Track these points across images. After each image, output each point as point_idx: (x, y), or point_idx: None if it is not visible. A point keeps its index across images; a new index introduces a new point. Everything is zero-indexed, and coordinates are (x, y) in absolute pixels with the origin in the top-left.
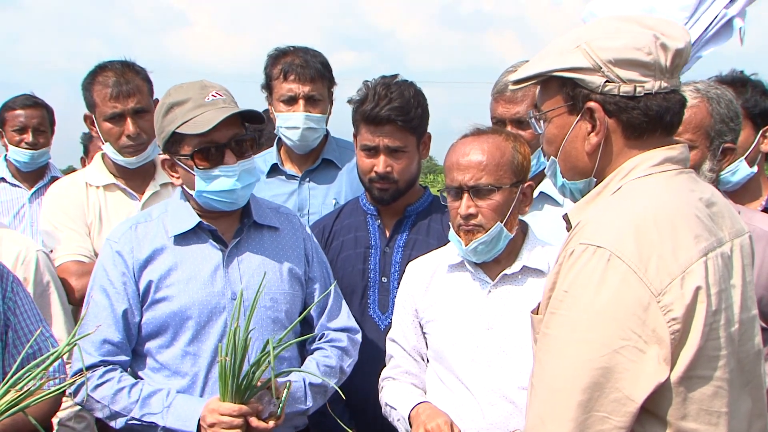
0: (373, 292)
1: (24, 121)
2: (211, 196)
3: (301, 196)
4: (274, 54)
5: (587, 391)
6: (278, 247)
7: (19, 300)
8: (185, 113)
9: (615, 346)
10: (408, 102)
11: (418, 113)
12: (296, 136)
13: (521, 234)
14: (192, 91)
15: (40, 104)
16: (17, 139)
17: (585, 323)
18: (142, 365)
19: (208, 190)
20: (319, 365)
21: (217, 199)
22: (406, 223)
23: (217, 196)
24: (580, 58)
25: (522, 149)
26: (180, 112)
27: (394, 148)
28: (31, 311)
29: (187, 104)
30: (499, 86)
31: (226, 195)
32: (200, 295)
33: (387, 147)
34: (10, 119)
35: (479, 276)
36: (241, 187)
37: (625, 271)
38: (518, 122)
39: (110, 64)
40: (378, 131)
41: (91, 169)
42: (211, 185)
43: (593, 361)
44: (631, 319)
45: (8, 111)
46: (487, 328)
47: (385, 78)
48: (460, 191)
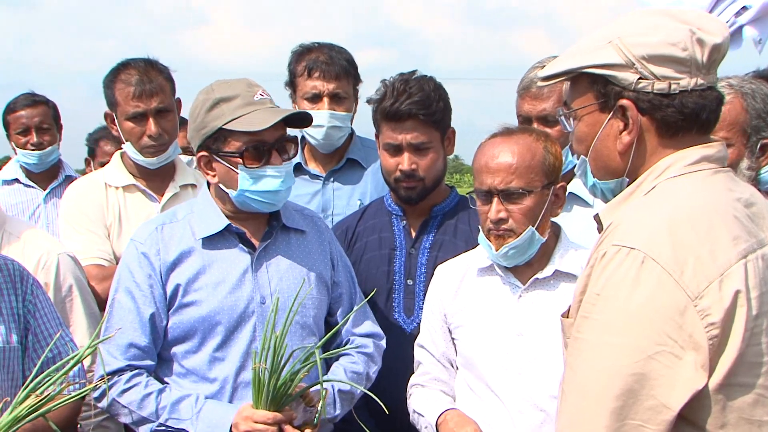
0: (398, 295)
1: (26, 121)
2: (255, 196)
3: (325, 197)
4: (298, 50)
5: (621, 398)
6: (305, 251)
7: (39, 303)
8: (233, 110)
9: (650, 352)
10: (428, 96)
11: (440, 107)
12: (320, 135)
13: (553, 237)
14: (239, 88)
15: (40, 101)
16: (23, 141)
17: (618, 327)
18: (168, 371)
19: (252, 190)
20: (347, 371)
21: (259, 199)
22: (432, 224)
23: (261, 197)
24: (613, 54)
25: (553, 149)
26: (227, 108)
27: (418, 145)
28: (51, 314)
29: (235, 101)
30: (525, 83)
31: (270, 196)
32: (229, 299)
33: (410, 144)
34: (13, 122)
35: (510, 280)
36: (284, 189)
37: (660, 273)
38: (544, 119)
39: (133, 61)
40: (400, 128)
41: (110, 170)
42: (256, 185)
43: (627, 366)
44: (667, 324)
45: (10, 113)
46: (518, 335)
47: (403, 74)
48: (490, 195)
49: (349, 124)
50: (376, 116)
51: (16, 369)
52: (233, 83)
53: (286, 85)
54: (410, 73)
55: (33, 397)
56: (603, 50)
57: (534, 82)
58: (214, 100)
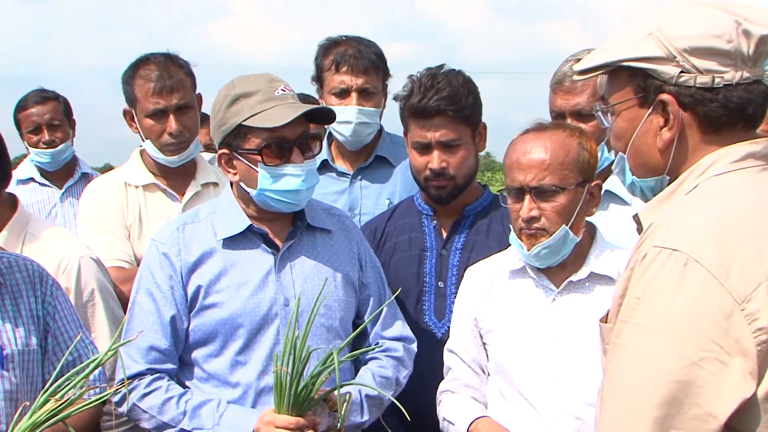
0: (429, 297)
1: (36, 119)
2: (274, 195)
3: (353, 196)
4: (325, 44)
5: (664, 406)
6: (332, 251)
7: (58, 304)
8: (253, 106)
9: (694, 358)
10: (457, 91)
11: (470, 102)
12: (348, 132)
13: (588, 237)
14: (260, 83)
15: (50, 97)
16: (34, 140)
17: (660, 332)
18: (189, 375)
19: (271, 189)
20: (375, 376)
21: (280, 199)
22: (464, 224)
23: (281, 196)
24: (653, 47)
25: (588, 145)
26: (247, 104)
27: (448, 142)
28: (71, 316)
29: (255, 96)
30: (558, 76)
31: (290, 196)
32: (251, 301)
33: (439, 141)
34: (24, 120)
35: (543, 283)
36: (306, 188)
37: (704, 276)
38: (578, 114)
39: (153, 56)
40: (428, 125)
41: (130, 168)
42: (275, 184)
43: (670, 373)
44: (713, 329)
45: (21, 111)
46: (552, 339)
47: (430, 69)
48: (522, 192)
49: (378, 120)
50: (404, 113)
51: (36, 372)
52: (254, 78)
53: (313, 80)
54: (438, 67)
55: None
56: (642, 42)
57: (567, 76)
58: (234, 95)
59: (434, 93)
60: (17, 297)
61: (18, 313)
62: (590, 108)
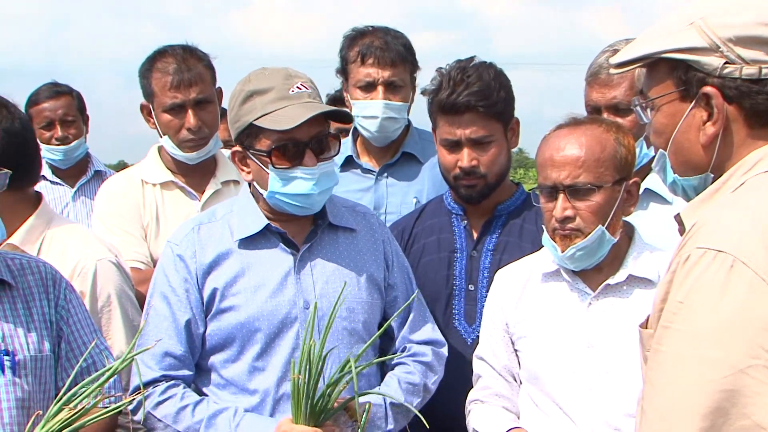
0: (459, 301)
1: (49, 114)
2: (285, 198)
3: (378, 194)
4: (351, 35)
5: (709, 417)
6: (355, 250)
7: (72, 308)
8: (265, 105)
9: (741, 366)
10: (488, 85)
11: (501, 96)
12: (374, 127)
13: (626, 238)
14: (275, 80)
15: (63, 91)
16: (47, 136)
17: (705, 339)
18: (206, 381)
19: (281, 192)
20: (401, 382)
21: (291, 202)
22: (495, 224)
23: (291, 200)
24: (695, 37)
25: (626, 141)
26: (260, 102)
27: (478, 139)
28: (85, 321)
29: (268, 94)
30: (594, 69)
31: (301, 199)
32: (269, 304)
33: (470, 139)
34: (36, 115)
35: (578, 286)
36: (318, 192)
37: (752, 278)
38: (615, 108)
39: (171, 48)
40: (458, 122)
41: (147, 165)
42: (286, 187)
43: (716, 382)
44: (761, 335)
45: (32, 106)
46: (588, 346)
47: (460, 62)
48: (555, 191)
49: (406, 114)
50: (432, 109)
51: (49, 379)
52: (271, 73)
53: (338, 73)
54: (467, 60)
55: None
56: (684, 32)
57: (603, 68)
58: (248, 92)
59: (464, 88)
60: (29, 300)
61: (30, 317)
62: (627, 102)
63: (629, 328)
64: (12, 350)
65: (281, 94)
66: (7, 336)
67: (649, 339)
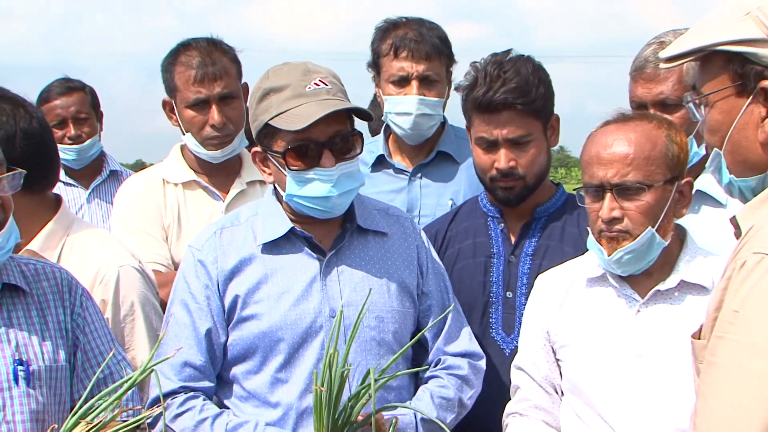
0: (496, 309)
1: (61, 112)
2: (303, 201)
3: (411, 195)
4: (383, 26)
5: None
6: (386, 255)
7: (89, 316)
8: (281, 103)
9: None
10: (527, 81)
11: (541, 93)
12: (408, 124)
13: (677, 241)
14: (292, 76)
15: (75, 87)
16: (59, 135)
17: (762, 349)
18: (228, 393)
19: (299, 195)
20: (434, 397)
21: (309, 205)
22: (535, 227)
23: (310, 203)
24: (752, 28)
25: (678, 138)
26: (276, 100)
27: (516, 139)
28: (102, 329)
29: (284, 92)
30: (639, 62)
31: (319, 202)
32: (293, 312)
33: (507, 139)
34: (47, 113)
35: (626, 292)
36: (337, 194)
37: None
38: (662, 105)
39: (194, 42)
40: (494, 120)
41: (169, 164)
42: (303, 189)
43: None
44: None
45: (43, 104)
46: (636, 356)
47: (496, 56)
48: (602, 190)
49: (441, 111)
50: (466, 106)
51: (64, 391)
52: (289, 69)
53: (369, 67)
54: (504, 53)
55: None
56: (740, 23)
57: (649, 62)
58: (264, 90)
59: (501, 84)
60: (44, 308)
61: (45, 325)
62: (675, 97)
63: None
64: (26, 360)
65: (297, 92)
66: (21, 345)
67: (702, 350)
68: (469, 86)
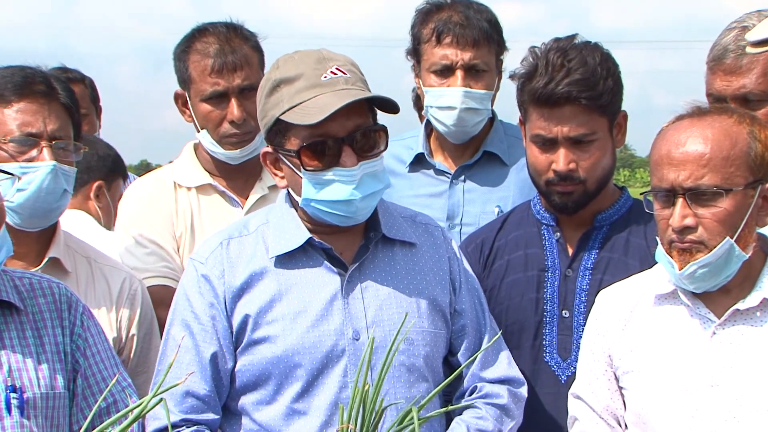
0: (551, 330)
1: None
2: (321, 206)
3: (453, 200)
4: (424, 8)
5: None
6: (415, 269)
7: (90, 337)
8: (293, 95)
9: None
10: (594, 72)
11: (609, 86)
12: (451, 120)
13: (760, 254)
14: (305, 65)
15: (74, 79)
16: None
17: None
18: (236, 427)
19: (317, 199)
20: (471, 430)
21: (329, 210)
22: (595, 237)
23: (329, 207)
24: None
25: (762, 135)
26: (287, 92)
27: (579, 138)
28: (105, 352)
29: (297, 83)
30: (717, 51)
31: (340, 207)
32: (312, 335)
33: (568, 137)
34: None
35: (699, 311)
36: (360, 197)
37: None
38: (744, 100)
39: (212, 27)
40: (555, 116)
41: (182, 166)
42: (321, 193)
43: None
44: None
45: None
46: (711, 385)
47: (559, 41)
48: (673, 195)
49: (489, 105)
50: (523, 98)
51: (62, 421)
52: (301, 58)
53: (408, 54)
54: (568, 38)
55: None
56: None
57: (729, 51)
58: (275, 81)
59: (564, 75)
60: (40, 327)
61: (41, 347)
62: (760, 91)
63: (763, 362)
64: (20, 386)
65: (311, 82)
66: (14, 370)
67: None
68: (527, 75)
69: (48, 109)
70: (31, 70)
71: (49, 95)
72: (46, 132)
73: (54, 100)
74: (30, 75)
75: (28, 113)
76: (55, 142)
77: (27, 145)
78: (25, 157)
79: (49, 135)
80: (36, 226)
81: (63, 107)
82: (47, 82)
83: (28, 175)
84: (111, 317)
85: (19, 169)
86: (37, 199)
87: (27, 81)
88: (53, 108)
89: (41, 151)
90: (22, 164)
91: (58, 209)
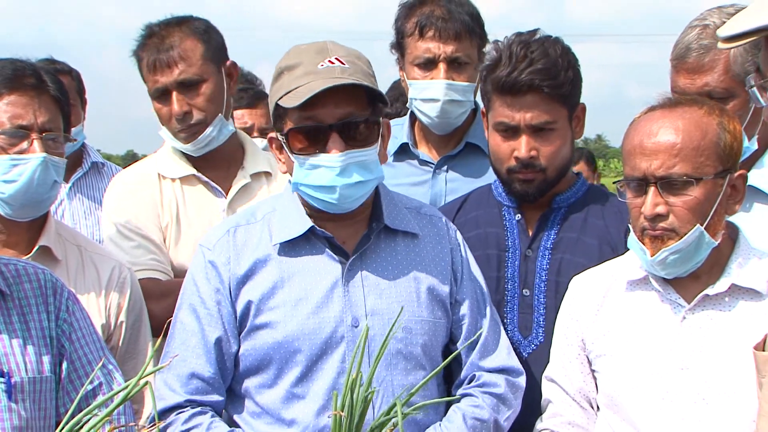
0: (512, 308)
1: None
2: (307, 191)
3: (435, 189)
4: (408, 3)
5: None
6: (416, 259)
7: (75, 322)
8: (291, 81)
9: None
10: (555, 63)
11: (569, 77)
12: (434, 111)
13: (729, 241)
14: (307, 54)
15: (62, 71)
16: None
17: None
18: (239, 408)
19: (304, 183)
20: (467, 418)
21: (313, 195)
22: (554, 218)
23: (314, 191)
24: None
25: (731, 126)
26: (287, 79)
27: (540, 125)
28: (90, 336)
29: (296, 70)
30: (679, 50)
31: (324, 192)
32: (312, 321)
33: (530, 125)
34: None
35: (670, 297)
36: (343, 184)
37: None
38: (708, 97)
39: (152, 25)
40: (517, 104)
41: (163, 157)
42: (308, 177)
43: None
44: None
45: None
46: (681, 368)
47: (521, 35)
48: (645, 183)
49: (472, 97)
50: (486, 88)
51: (49, 404)
52: (307, 47)
53: (392, 48)
54: (530, 33)
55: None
56: None
57: (692, 50)
58: (279, 69)
59: (527, 65)
60: (26, 313)
61: (27, 332)
62: (722, 89)
63: (731, 347)
64: (7, 371)
65: (308, 70)
66: (1, 354)
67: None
68: (491, 66)
69: (38, 102)
70: (21, 63)
71: (39, 88)
72: (37, 124)
73: (44, 92)
74: (20, 68)
75: (19, 106)
76: (46, 134)
77: (18, 138)
78: (16, 150)
79: (40, 127)
80: (27, 216)
81: (53, 99)
82: (37, 75)
83: (18, 167)
84: (100, 304)
85: (10, 161)
86: (27, 191)
87: (17, 74)
88: (43, 100)
89: (32, 143)
90: (13, 156)
91: (49, 200)
